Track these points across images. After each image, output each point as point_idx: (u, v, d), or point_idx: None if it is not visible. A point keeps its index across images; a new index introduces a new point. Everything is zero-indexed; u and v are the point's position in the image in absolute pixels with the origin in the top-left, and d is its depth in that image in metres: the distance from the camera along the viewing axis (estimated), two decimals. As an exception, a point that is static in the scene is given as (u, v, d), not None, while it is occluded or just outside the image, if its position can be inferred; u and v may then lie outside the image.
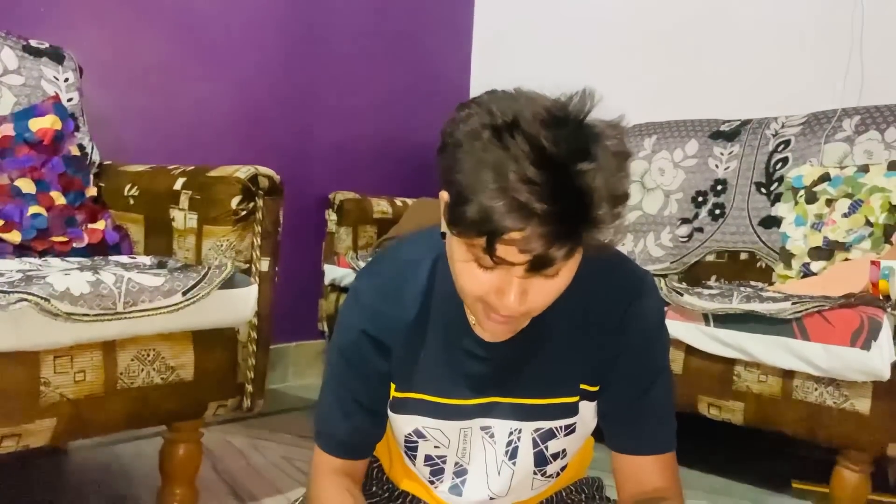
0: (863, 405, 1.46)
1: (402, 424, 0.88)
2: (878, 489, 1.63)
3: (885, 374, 1.39)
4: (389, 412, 0.88)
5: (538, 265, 0.66)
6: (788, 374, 1.54)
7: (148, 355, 1.31)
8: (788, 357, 1.50)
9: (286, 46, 2.52)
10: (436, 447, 0.88)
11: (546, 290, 0.70)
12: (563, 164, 0.63)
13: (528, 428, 0.87)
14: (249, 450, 1.87)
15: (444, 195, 0.72)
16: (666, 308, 1.67)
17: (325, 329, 2.55)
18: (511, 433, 0.87)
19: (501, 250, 0.65)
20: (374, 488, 0.98)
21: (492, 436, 0.88)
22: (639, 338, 0.84)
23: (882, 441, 1.46)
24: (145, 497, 1.48)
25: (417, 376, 0.86)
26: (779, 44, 2.34)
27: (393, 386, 0.87)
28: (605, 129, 0.66)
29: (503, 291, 0.69)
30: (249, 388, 1.51)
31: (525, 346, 0.83)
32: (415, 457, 0.90)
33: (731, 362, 1.61)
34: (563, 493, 1.00)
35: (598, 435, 0.96)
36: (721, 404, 1.64)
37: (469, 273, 0.70)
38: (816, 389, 1.51)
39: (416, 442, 0.89)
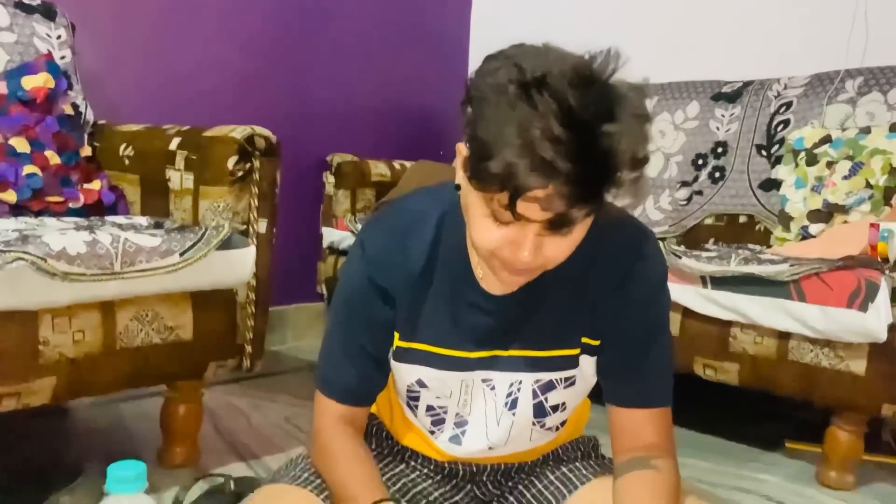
0: (858, 366, 1.47)
1: (404, 374, 0.89)
2: (871, 450, 1.65)
3: (882, 336, 1.40)
4: (393, 361, 0.89)
5: (558, 224, 0.67)
6: (784, 336, 1.55)
7: (147, 315, 1.32)
8: (785, 319, 1.50)
9: (284, 6, 2.48)
10: (437, 397, 0.90)
11: (560, 247, 0.71)
12: (588, 124, 0.63)
13: (529, 379, 0.88)
14: (250, 410, 1.89)
15: (464, 148, 0.72)
16: (664, 270, 1.67)
17: (324, 292, 2.56)
18: (511, 384, 0.88)
19: (522, 207, 0.66)
20: (373, 445, 0.99)
21: (492, 388, 0.89)
22: (641, 295, 0.85)
23: (877, 402, 1.47)
24: (147, 455, 1.50)
25: (421, 327, 0.86)
26: (782, 4, 2.31)
27: (397, 335, 0.88)
28: (629, 91, 0.66)
29: (518, 246, 0.70)
30: (249, 348, 1.52)
31: (529, 301, 0.84)
32: (416, 406, 0.91)
33: (728, 324, 1.62)
34: (560, 451, 1.01)
35: (594, 397, 0.97)
36: (717, 365, 1.66)
37: (485, 227, 0.71)
38: (812, 351, 1.52)
39: (419, 392, 0.90)
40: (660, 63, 2.51)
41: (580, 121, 0.63)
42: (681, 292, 1.64)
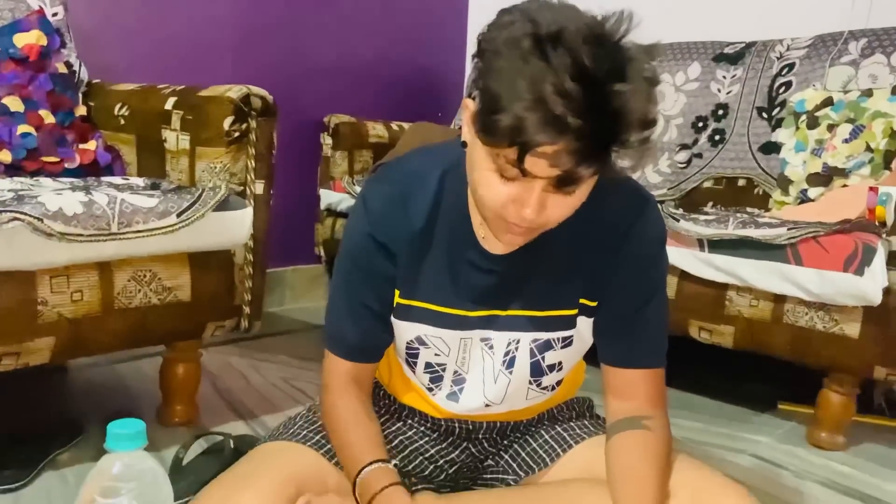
0: (852, 329, 1.48)
1: (404, 331, 0.90)
2: (863, 411, 1.67)
3: (877, 300, 1.41)
4: (393, 318, 0.90)
5: (564, 181, 0.68)
6: (780, 299, 1.56)
7: (144, 276, 1.32)
8: (781, 282, 1.51)
9: (278, -39, 2.43)
10: (436, 355, 0.91)
11: (563, 206, 0.72)
12: (601, 82, 0.63)
13: (527, 338, 0.89)
14: (249, 370, 1.91)
15: (471, 102, 0.72)
16: (661, 233, 1.67)
17: (322, 253, 2.56)
18: (509, 343, 0.89)
19: (530, 163, 0.66)
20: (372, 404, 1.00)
21: (491, 347, 0.90)
22: (639, 256, 0.86)
23: (869, 364, 1.49)
24: (147, 414, 1.51)
25: (421, 285, 0.87)
26: (788, -38, 2.27)
27: (397, 292, 0.88)
28: (641, 53, 0.66)
29: (523, 203, 0.70)
30: (247, 309, 1.53)
31: (528, 261, 0.85)
32: (415, 364, 0.92)
33: (724, 287, 1.63)
34: (555, 410, 1.02)
35: (588, 359, 0.98)
36: (712, 328, 1.67)
37: (490, 183, 0.71)
38: (807, 314, 1.53)
39: (418, 349, 0.91)
40: (661, 23, 2.47)
41: (593, 78, 0.63)
42: (678, 255, 1.64)
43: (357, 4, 2.65)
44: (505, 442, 1.01)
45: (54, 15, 1.71)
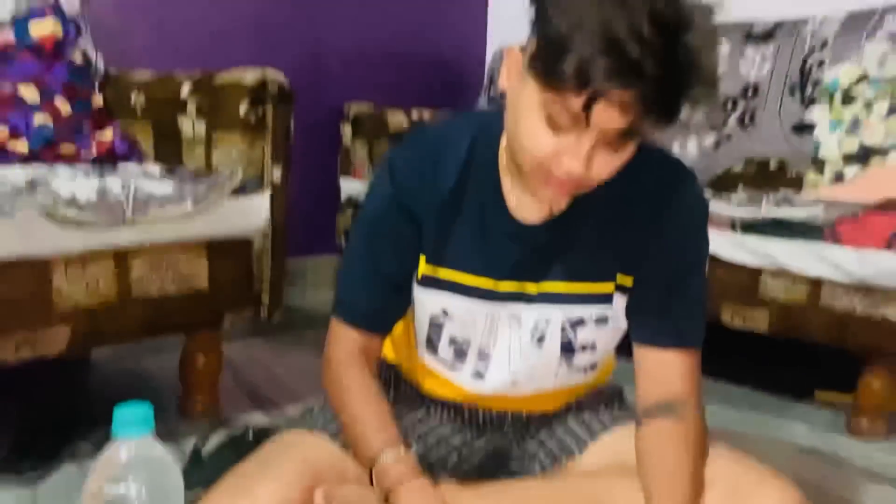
0: (893, 312, 1.41)
1: (430, 302, 0.86)
2: (905, 398, 1.60)
3: (921, 280, 1.34)
4: (418, 288, 0.86)
5: (628, 134, 0.65)
6: (816, 282, 1.50)
7: (161, 264, 1.30)
8: (818, 263, 1.45)
9: (296, -52, 2.41)
10: (462, 328, 0.87)
11: (609, 164, 0.68)
12: (675, 31, 0.60)
13: (559, 315, 0.85)
14: (270, 361, 1.89)
15: (517, 49, 0.69)
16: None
17: (343, 244, 2.53)
18: (539, 322, 0.85)
19: (598, 110, 0.62)
20: (392, 392, 0.97)
21: (519, 324, 0.86)
22: (678, 229, 0.82)
23: (912, 349, 1.42)
24: (168, 404, 1.50)
25: (449, 253, 0.83)
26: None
27: (423, 258, 0.84)
28: (705, 9, 0.64)
29: (571, 155, 0.66)
30: (266, 298, 1.50)
31: (561, 232, 0.81)
32: (438, 339, 0.88)
33: (758, 271, 1.57)
34: (583, 399, 0.98)
35: (619, 349, 0.93)
36: (745, 313, 1.61)
37: (537, 132, 0.67)
38: (845, 296, 1.47)
39: (442, 323, 0.87)
40: (688, 3, 2.41)
41: (669, 27, 0.60)
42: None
43: (375, -9, 2.62)
44: (530, 431, 0.97)
45: (69, 4, 1.70)
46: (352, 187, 2.39)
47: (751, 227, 1.53)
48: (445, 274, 0.84)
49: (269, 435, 1.09)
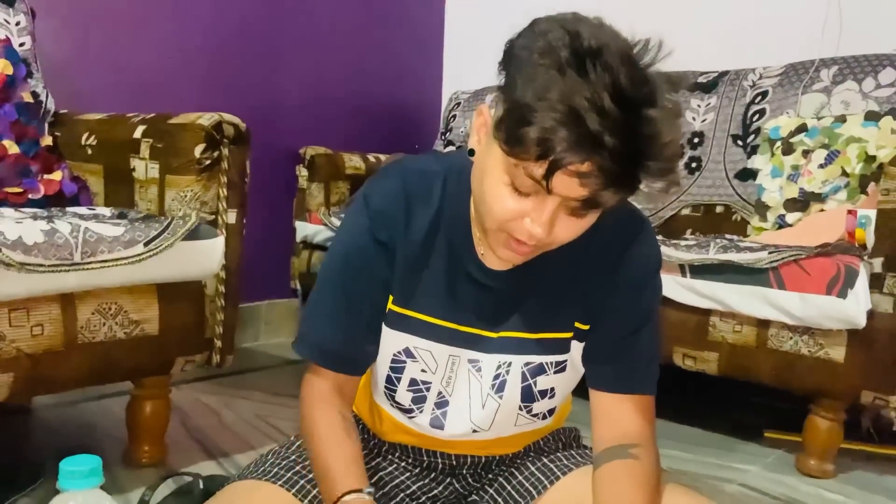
0: (837, 353, 1.46)
1: (393, 341, 0.85)
2: (850, 437, 1.64)
3: (861, 322, 1.39)
4: (385, 327, 0.85)
5: (588, 204, 0.66)
6: (763, 324, 1.54)
7: (110, 309, 1.26)
8: (764, 306, 1.49)
9: (252, -6, 2.43)
10: (423, 371, 0.86)
11: (571, 228, 0.69)
12: (636, 105, 0.62)
13: (519, 362, 0.85)
14: (221, 407, 1.84)
15: (487, 110, 0.70)
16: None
17: (298, 287, 2.51)
18: (500, 367, 0.85)
19: (557, 180, 0.63)
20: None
21: (479, 370, 0.86)
22: (633, 279, 0.84)
23: (856, 389, 1.46)
24: (113, 454, 1.44)
25: (418, 294, 0.83)
26: (757, -7, 2.30)
27: (391, 298, 0.84)
28: (668, 83, 0.65)
29: (533, 220, 0.68)
30: (218, 343, 1.47)
31: (526, 280, 0.82)
32: (398, 381, 0.87)
33: (707, 313, 1.61)
34: (541, 442, 0.98)
35: (576, 391, 0.94)
36: (696, 355, 1.64)
37: (501, 195, 0.68)
38: (791, 338, 1.51)
39: (404, 363, 0.86)
40: (635, 54, 2.50)
41: (630, 100, 0.61)
42: (659, 281, 1.62)
43: (332, 33, 2.65)
44: (489, 476, 0.96)
45: (21, 45, 1.67)
46: (307, 230, 2.38)
47: (699, 270, 1.58)
48: (412, 314, 0.84)
49: (220, 484, 1.06)
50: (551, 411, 0.91)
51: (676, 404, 1.85)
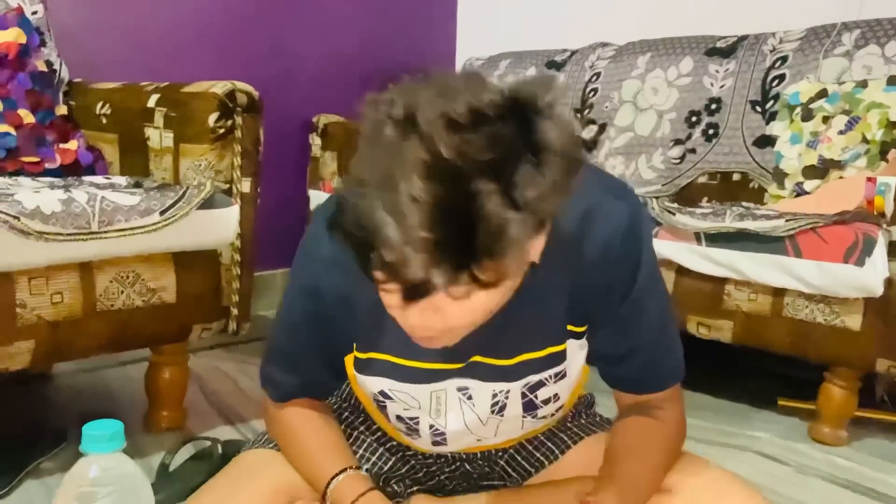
0: (853, 322, 1.45)
1: (368, 384, 0.82)
2: (864, 405, 1.64)
3: (878, 291, 1.38)
4: (355, 372, 0.82)
5: (414, 294, 0.56)
6: (779, 292, 1.53)
7: (127, 277, 1.28)
8: (780, 274, 1.48)
9: (264, -41, 2.40)
10: (406, 409, 0.82)
11: (461, 313, 0.58)
12: (458, 177, 0.51)
13: (517, 386, 0.80)
14: (238, 374, 1.86)
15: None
16: (658, 228, 1.64)
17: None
18: (496, 395, 0.80)
19: (375, 271, 0.56)
20: (356, 430, 0.94)
21: (469, 397, 0.80)
22: (615, 283, 0.75)
23: (871, 357, 1.46)
24: (133, 419, 1.47)
25: (385, 336, 0.77)
26: (779, -45, 2.25)
27: (355, 346, 0.80)
28: (545, 136, 0.53)
29: (415, 325, 0.60)
30: (234, 311, 1.49)
31: (501, 310, 0.67)
32: (387, 416, 0.85)
33: (722, 281, 1.60)
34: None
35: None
36: (710, 323, 1.64)
37: (387, 298, 0.60)
38: (807, 307, 1.50)
39: (385, 402, 0.83)
40: (653, 18, 2.46)
41: (449, 172, 0.51)
42: (675, 250, 1.61)
43: (344, 2, 2.62)
44: (500, 455, 0.95)
45: (34, 13, 1.67)
46: (320, 199, 2.38)
47: (715, 238, 1.56)
48: (380, 357, 0.79)
49: (238, 449, 1.09)
50: (560, 408, 0.87)
51: (689, 372, 1.85)
